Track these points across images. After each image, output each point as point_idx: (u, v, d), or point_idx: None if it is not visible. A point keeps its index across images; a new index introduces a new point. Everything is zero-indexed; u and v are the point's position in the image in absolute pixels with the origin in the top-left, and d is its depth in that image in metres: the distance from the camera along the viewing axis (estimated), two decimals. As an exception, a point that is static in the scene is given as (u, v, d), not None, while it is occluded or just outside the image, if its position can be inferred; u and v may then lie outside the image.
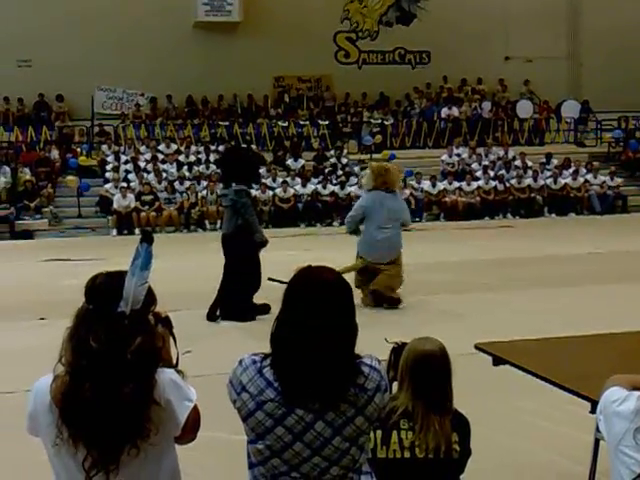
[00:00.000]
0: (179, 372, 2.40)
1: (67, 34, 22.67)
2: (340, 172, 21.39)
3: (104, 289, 2.34)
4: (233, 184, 9.16)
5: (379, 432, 3.04)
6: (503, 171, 21.82)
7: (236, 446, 3.02)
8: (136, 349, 2.25)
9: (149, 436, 2.24)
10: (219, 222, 18.63)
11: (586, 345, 4.69)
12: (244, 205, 9.01)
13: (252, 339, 6.93)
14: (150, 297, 2.40)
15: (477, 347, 4.53)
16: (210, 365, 6.08)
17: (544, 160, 22.38)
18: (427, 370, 3.09)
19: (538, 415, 5.64)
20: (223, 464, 4.89)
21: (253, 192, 11.44)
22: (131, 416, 2.22)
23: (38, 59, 22.75)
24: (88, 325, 2.28)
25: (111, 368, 2.23)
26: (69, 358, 2.28)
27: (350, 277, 8.38)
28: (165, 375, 2.32)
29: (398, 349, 3.28)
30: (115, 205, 19.20)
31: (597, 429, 2.72)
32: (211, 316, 8.98)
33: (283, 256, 10.50)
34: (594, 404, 3.01)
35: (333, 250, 11.78)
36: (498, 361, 4.33)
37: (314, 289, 2.36)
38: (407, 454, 3.05)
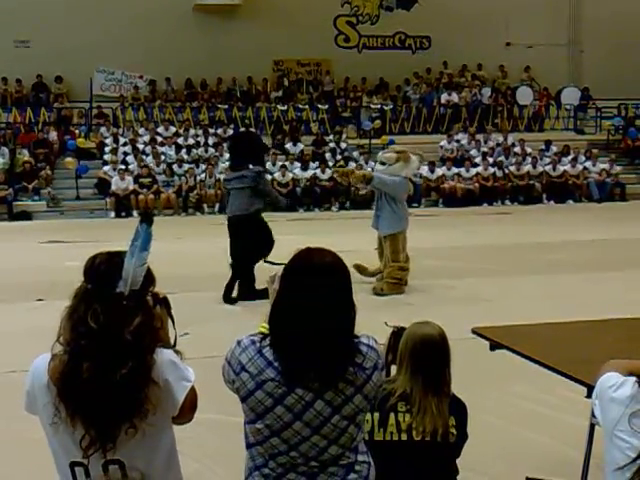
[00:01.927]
0: (177, 352, 2.40)
1: (66, 15, 22.55)
2: (339, 157, 21.35)
3: (103, 269, 2.33)
4: (250, 165, 9.30)
5: (376, 414, 3.06)
6: (502, 157, 21.78)
7: (232, 427, 3.03)
8: (134, 329, 2.25)
9: (147, 416, 2.25)
10: (217, 205, 18.64)
11: (583, 330, 4.70)
12: (266, 183, 9.56)
13: (249, 321, 6.94)
14: (149, 278, 2.40)
15: (474, 331, 4.54)
16: (207, 347, 6.09)
17: (543, 147, 22.34)
18: (426, 354, 3.11)
19: (534, 400, 5.67)
20: (220, 444, 4.91)
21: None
22: (129, 395, 2.22)
23: (37, 40, 22.65)
24: (87, 304, 2.28)
25: (109, 348, 2.23)
26: (67, 337, 2.28)
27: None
28: (164, 355, 2.33)
29: (397, 333, 3.29)
30: (113, 187, 19.17)
31: (592, 414, 2.73)
32: (228, 298, 9.02)
33: (281, 240, 10.50)
34: (590, 389, 3.02)
35: (332, 234, 11.77)
36: (495, 346, 4.34)
37: (312, 270, 2.37)
38: (404, 437, 3.06)
